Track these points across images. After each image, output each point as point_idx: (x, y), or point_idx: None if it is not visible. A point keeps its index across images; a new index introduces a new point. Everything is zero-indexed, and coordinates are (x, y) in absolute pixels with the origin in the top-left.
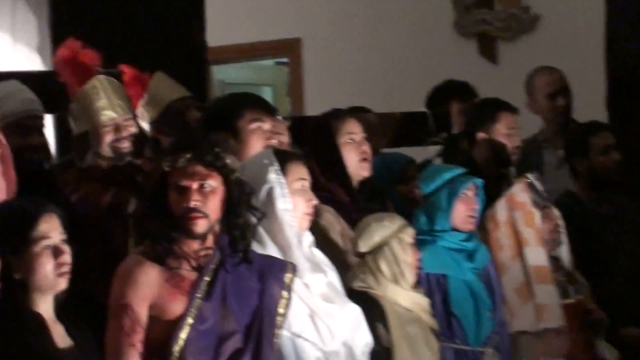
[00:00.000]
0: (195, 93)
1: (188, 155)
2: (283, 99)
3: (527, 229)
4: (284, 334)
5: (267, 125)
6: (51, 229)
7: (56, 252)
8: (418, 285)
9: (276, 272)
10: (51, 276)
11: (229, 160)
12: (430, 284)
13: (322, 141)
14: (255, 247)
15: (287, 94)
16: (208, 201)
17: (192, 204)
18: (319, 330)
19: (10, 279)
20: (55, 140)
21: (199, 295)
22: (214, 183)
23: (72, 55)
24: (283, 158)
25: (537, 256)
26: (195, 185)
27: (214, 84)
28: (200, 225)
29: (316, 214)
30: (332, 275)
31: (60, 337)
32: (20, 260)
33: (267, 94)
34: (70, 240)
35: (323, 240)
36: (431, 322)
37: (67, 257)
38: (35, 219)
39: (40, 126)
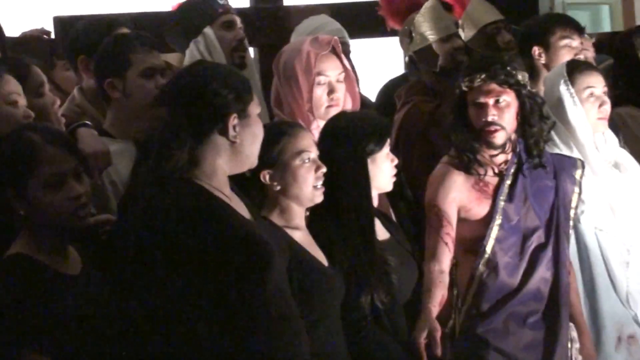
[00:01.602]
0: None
1: (483, 75)
2: (618, 15)
3: None
4: (587, 228)
5: (575, 42)
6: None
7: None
8: None
9: (568, 169)
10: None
11: (520, 77)
12: None
13: (624, 56)
14: (557, 149)
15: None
16: (504, 114)
17: (490, 118)
18: (619, 224)
19: None
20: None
21: (502, 197)
22: (508, 98)
23: None
24: (573, 68)
25: None
26: (491, 101)
27: (556, 4)
28: (499, 137)
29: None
30: (633, 174)
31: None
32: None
33: (605, 12)
34: None
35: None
36: None
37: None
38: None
39: (347, 52)
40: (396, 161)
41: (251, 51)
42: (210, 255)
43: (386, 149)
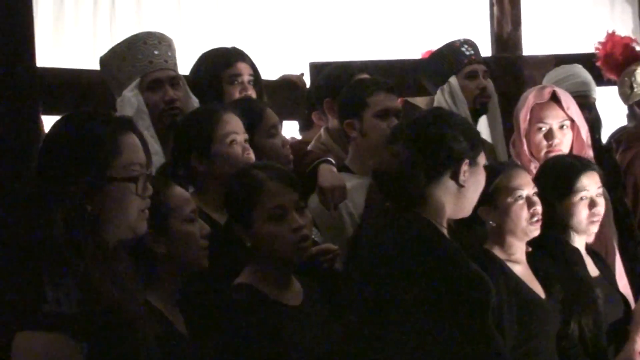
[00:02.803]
0: None
1: None
2: None
3: None
4: None
5: None
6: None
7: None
8: None
9: None
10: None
11: None
12: None
13: None
14: None
15: None
16: None
17: None
18: None
19: None
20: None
21: None
22: None
23: (620, 40)
24: None
25: None
26: None
27: None
28: None
29: None
30: None
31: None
32: None
33: None
34: None
35: None
36: None
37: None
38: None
39: (588, 104)
40: (600, 206)
41: None
42: (437, 287)
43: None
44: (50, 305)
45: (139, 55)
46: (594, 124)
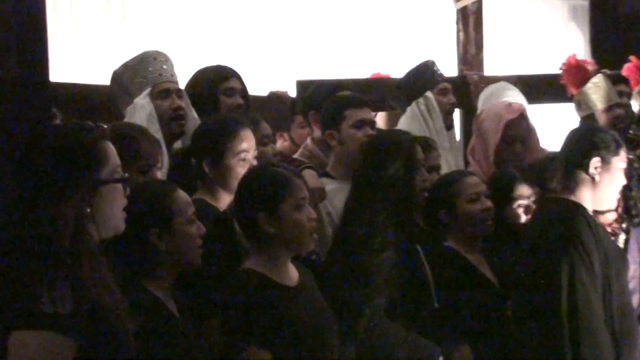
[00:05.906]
0: None
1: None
2: None
3: None
4: None
5: None
6: None
7: None
8: None
9: None
10: None
11: None
12: None
13: None
14: None
15: None
16: None
17: None
18: None
19: None
20: None
21: None
22: None
23: (575, 62)
24: None
25: None
26: None
27: None
28: None
29: None
30: None
31: None
32: None
33: None
34: None
35: None
36: None
37: None
38: None
39: None
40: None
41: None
42: None
43: None
44: (45, 306)
45: (150, 68)
46: None
